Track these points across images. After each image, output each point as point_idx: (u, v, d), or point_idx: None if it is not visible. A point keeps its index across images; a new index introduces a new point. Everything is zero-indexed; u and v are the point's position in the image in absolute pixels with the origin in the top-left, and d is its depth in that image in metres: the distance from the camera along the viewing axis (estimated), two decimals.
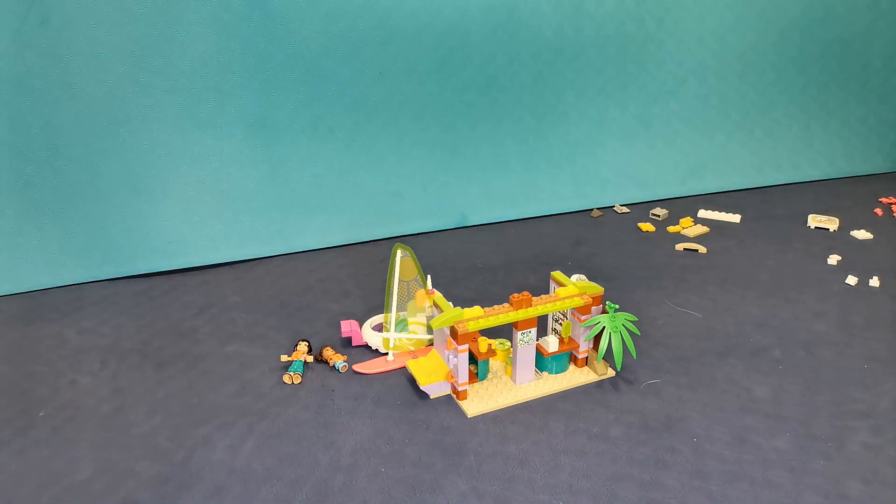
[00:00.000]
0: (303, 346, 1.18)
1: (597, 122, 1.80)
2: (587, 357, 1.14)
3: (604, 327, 1.08)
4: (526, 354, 1.09)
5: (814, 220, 1.69)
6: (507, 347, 1.17)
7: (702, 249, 1.57)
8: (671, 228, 1.68)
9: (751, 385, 1.10)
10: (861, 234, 1.64)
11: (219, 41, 1.41)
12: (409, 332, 1.19)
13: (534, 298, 1.08)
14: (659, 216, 1.73)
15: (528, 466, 0.94)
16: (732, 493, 0.89)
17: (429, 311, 1.19)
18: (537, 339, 1.11)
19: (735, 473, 0.92)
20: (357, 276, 1.48)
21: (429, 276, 1.20)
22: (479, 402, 1.06)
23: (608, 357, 1.15)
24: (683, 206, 1.81)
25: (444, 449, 0.97)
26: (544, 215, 1.76)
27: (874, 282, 1.41)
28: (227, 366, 1.18)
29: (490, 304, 1.08)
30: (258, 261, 1.56)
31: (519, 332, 1.07)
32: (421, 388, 1.06)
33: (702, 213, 1.76)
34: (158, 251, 1.50)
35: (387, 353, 1.18)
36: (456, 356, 1.04)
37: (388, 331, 1.18)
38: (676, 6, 1.75)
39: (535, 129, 1.75)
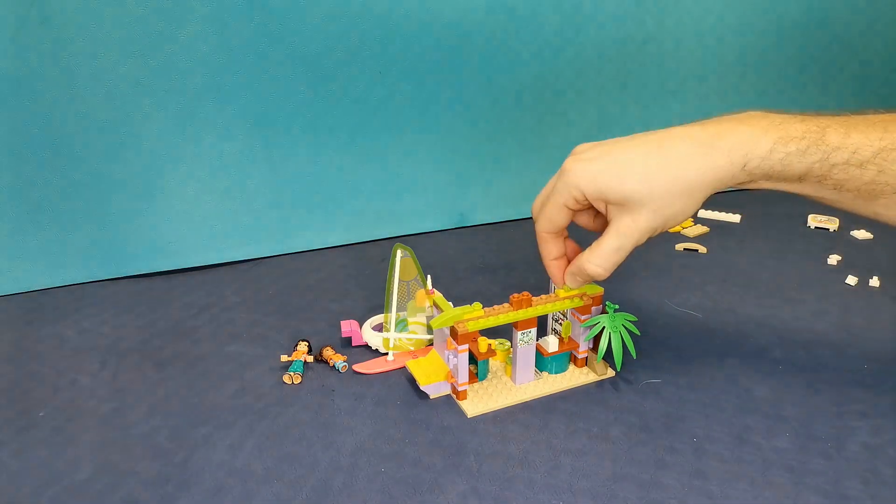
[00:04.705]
0: (303, 346, 1.18)
1: (597, 123, 1.80)
2: (587, 357, 1.14)
3: (603, 327, 1.08)
4: (526, 354, 1.09)
5: (814, 220, 1.69)
6: (507, 347, 1.17)
7: (702, 249, 1.57)
8: (671, 228, 1.68)
9: (751, 385, 1.10)
10: (861, 234, 1.64)
11: (219, 41, 1.41)
12: (409, 332, 1.19)
13: (534, 298, 1.08)
14: None
15: (528, 466, 0.94)
16: (732, 493, 0.89)
17: (429, 311, 1.19)
18: (537, 339, 1.11)
19: (735, 473, 0.92)
20: (357, 276, 1.48)
21: (429, 276, 1.20)
22: (479, 402, 1.06)
23: (608, 357, 1.15)
24: None
25: (444, 449, 0.97)
26: None
27: (874, 282, 1.41)
28: (227, 366, 1.18)
29: (490, 304, 1.08)
30: (258, 261, 1.56)
31: (519, 332, 1.07)
32: (421, 388, 1.06)
33: (702, 213, 1.76)
34: (158, 251, 1.50)
35: (387, 353, 1.18)
36: (456, 356, 1.04)
37: (388, 331, 1.18)
38: (676, 6, 1.75)
39: (535, 129, 1.74)
